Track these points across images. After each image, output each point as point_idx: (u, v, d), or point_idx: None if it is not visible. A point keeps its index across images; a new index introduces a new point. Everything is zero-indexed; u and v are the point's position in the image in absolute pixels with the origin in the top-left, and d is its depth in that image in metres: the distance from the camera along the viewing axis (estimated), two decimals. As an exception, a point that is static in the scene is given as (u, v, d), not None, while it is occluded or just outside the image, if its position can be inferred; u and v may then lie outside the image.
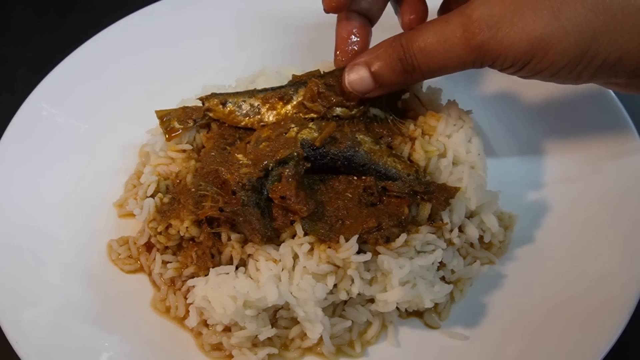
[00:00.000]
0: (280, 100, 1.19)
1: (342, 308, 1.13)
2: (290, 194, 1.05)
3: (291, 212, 1.07)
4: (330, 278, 1.06)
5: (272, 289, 1.02)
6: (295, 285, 1.05)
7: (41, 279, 1.15)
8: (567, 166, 1.31)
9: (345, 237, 1.05)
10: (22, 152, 1.30)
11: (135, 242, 1.22)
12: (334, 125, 1.14)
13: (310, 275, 1.06)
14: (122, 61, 1.48)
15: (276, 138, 1.12)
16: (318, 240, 1.06)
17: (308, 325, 1.05)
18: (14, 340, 1.05)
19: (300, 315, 1.05)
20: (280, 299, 1.03)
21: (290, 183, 1.06)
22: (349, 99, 1.14)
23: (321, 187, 1.13)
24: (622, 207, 1.20)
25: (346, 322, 1.10)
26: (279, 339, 1.11)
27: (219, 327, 1.07)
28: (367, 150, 1.13)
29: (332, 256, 1.05)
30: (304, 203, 1.05)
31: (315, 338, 1.06)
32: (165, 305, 1.16)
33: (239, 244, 1.10)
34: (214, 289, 1.04)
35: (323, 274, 1.06)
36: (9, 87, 1.65)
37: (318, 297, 1.04)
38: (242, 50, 1.52)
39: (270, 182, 1.08)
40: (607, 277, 1.12)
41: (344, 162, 1.12)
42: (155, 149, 1.25)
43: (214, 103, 1.22)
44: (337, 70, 1.18)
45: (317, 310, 1.04)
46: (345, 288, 1.07)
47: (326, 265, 1.06)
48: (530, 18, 0.90)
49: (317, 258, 1.06)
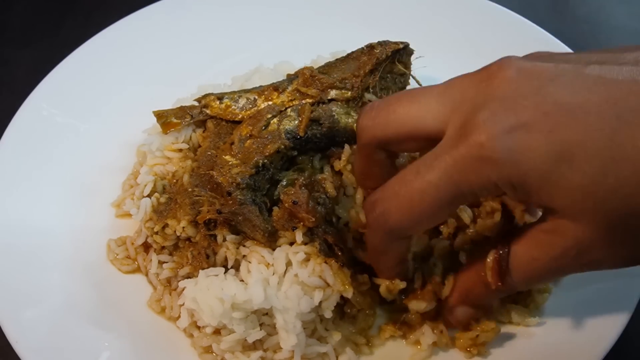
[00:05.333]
0: (275, 90, 1.20)
1: (325, 327, 1.09)
2: (302, 200, 1.05)
3: (297, 218, 1.07)
4: (318, 293, 1.04)
5: (259, 291, 1.01)
6: (282, 292, 1.04)
7: (41, 279, 1.15)
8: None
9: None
10: (21, 152, 1.30)
11: (132, 243, 1.22)
12: (310, 107, 1.15)
13: (299, 286, 1.04)
14: (122, 61, 1.49)
15: (259, 134, 1.13)
16: (316, 253, 1.05)
17: (284, 334, 1.03)
18: (14, 340, 1.05)
19: (280, 322, 1.03)
20: (266, 302, 1.02)
21: (303, 192, 1.06)
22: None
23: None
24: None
25: (322, 347, 1.07)
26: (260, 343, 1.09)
27: (209, 329, 1.07)
28: (344, 125, 1.15)
29: (325, 272, 1.04)
30: (313, 213, 1.05)
31: (287, 349, 1.04)
32: (160, 305, 1.16)
33: (234, 245, 1.10)
34: (203, 291, 1.03)
35: (312, 286, 1.04)
36: (9, 87, 1.65)
37: (302, 310, 1.02)
38: (239, 51, 1.52)
39: (283, 186, 1.09)
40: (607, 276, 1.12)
41: (326, 142, 1.15)
42: (152, 148, 1.25)
43: (211, 99, 1.23)
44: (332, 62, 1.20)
45: (297, 323, 1.03)
46: (329, 307, 1.05)
47: (317, 279, 1.04)
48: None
49: (310, 269, 1.04)
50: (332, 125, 1.15)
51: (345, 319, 1.12)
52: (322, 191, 1.09)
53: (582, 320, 1.07)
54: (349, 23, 1.54)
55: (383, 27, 1.33)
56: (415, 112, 0.84)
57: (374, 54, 1.22)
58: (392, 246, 0.96)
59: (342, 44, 1.32)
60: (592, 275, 1.12)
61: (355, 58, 1.23)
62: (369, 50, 1.23)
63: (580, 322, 1.07)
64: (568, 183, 0.72)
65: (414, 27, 1.44)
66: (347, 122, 1.16)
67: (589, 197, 0.72)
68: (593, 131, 0.70)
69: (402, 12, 1.54)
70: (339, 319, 1.11)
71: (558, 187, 0.73)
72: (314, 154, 1.16)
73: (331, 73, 1.21)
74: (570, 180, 0.72)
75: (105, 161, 1.34)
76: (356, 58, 1.23)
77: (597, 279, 1.12)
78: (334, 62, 1.25)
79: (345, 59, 1.25)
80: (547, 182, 0.73)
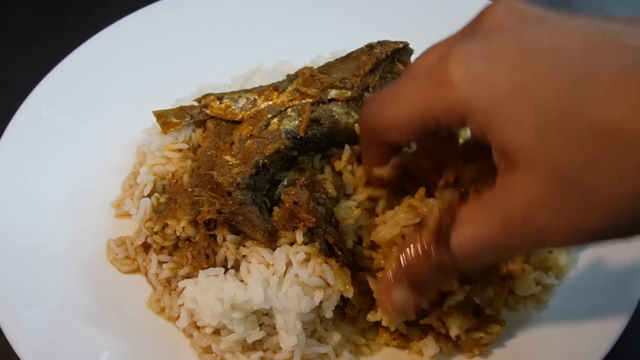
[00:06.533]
0: (275, 90, 1.20)
1: (325, 328, 1.09)
2: (303, 200, 1.05)
3: (298, 218, 1.07)
4: (319, 293, 1.04)
5: (259, 291, 1.01)
6: (282, 292, 1.03)
7: (40, 279, 1.15)
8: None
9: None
10: (21, 152, 1.30)
11: (132, 243, 1.21)
12: (310, 107, 1.15)
13: (300, 286, 1.04)
14: (121, 61, 1.49)
15: (259, 134, 1.13)
16: (316, 253, 1.05)
17: (284, 334, 1.03)
18: (14, 340, 1.05)
19: (280, 322, 1.03)
20: (266, 302, 1.02)
21: (304, 192, 1.06)
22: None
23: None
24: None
25: (322, 348, 1.07)
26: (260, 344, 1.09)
27: (208, 329, 1.07)
28: (345, 125, 1.15)
29: (326, 272, 1.04)
30: (314, 214, 1.05)
31: (287, 349, 1.04)
32: (160, 305, 1.16)
33: (233, 245, 1.10)
34: (202, 291, 1.03)
35: (312, 286, 1.04)
36: (9, 87, 1.65)
37: (302, 310, 1.02)
38: (239, 51, 1.52)
39: (284, 186, 1.09)
40: (607, 276, 1.12)
41: (326, 142, 1.15)
42: (152, 148, 1.25)
43: (211, 99, 1.23)
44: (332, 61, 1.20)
45: (297, 323, 1.03)
46: (330, 307, 1.05)
47: (317, 279, 1.04)
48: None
49: (310, 269, 1.04)
50: (332, 126, 1.15)
51: (346, 320, 1.12)
52: (323, 191, 1.08)
53: (582, 320, 1.07)
54: (348, 23, 1.54)
55: (383, 26, 1.33)
56: (399, 105, 0.83)
57: (374, 54, 1.22)
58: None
59: (342, 44, 1.32)
60: (592, 275, 1.13)
61: (355, 58, 1.23)
62: (368, 50, 1.23)
63: (580, 322, 1.07)
64: (522, 121, 0.67)
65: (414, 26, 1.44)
66: (347, 123, 1.15)
67: (542, 143, 0.67)
68: (558, 76, 0.67)
69: (402, 12, 1.55)
70: (339, 320, 1.11)
71: (512, 122, 0.68)
72: (314, 154, 1.16)
73: (331, 73, 1.21)
74: (524, 118, 0.67)
75: (105, 161, 1.34)
76: (356, 58, 1.23)
77: (597, 279, 1.12)
78: (334, 62, 1.25)
79: (345, 59, 1.25)
80: (499, 115, 0.69)
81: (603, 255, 1.15)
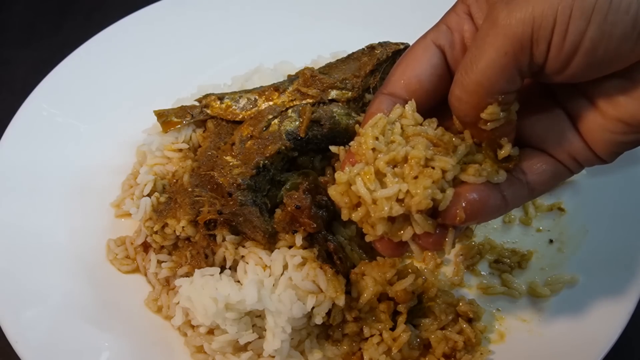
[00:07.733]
0: (275, 90, 1.20)
1: (310, 344, 1.09)
2: (305, 205, 1.05)
3: (298, 222, 1.07)
4: (311, 299, 1.04)
5: (253, 292, 1.01)
6: (276, 295, 1.03)
7: (40, 278, 1.15)
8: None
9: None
10: (21, 152, 1.30)
11: (132, 242, 1.21)
12: (311, 109, 1.15)
13: (293, 290, 1.04)
14: (122, 61, 1.49)
15: (260, 135, 1.13)
16: (313, 258, 1.05)
17: (270, 336, 1.03)
18: (14, 340, 1.05)
19: (270, 323, 1.03)
20: (259, 303, 1.01)
21: (307, 197, 1.06)
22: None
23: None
24: (624, 206, 1.20)
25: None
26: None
27: (203, 329, 1.06)
28: (345, 126, 1.15)
29: (319, 277, 1.04)
30: (315, 220, 1.05)
31: (268, 351, 1.03)
32: (157, 304, 1.16)
33: (232, 246, 1.10)
34: (197, 290, 1.03)
35: (305, 290, 1.04)
36: (9, 87, 1.65)
37: (294, 314, 1.02)
38: (239, 51, 1.52)
39: (287, 189, 1.09)
40: (607, 277, 1.12)
41: (327, 143, 1.12)
42: (152, 148, 1.25)
43: (211, 99, 1.23)
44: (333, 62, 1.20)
45: (287, 327, 1.03)
46: (320, 313, 1.05)
47: (310, 283, 1.04)
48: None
49: (304, 273, 1.04)
50: (333, 127, 1.15)
51: (330, 342, 1.10)
52: (325, 194, 1.08)
53: (582, 320, 1.07)
54: (349, 24, 1.54)
55: (383, 28, 1.33)
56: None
57: (375, 55, 1.22)
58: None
59: (342, 45, 1.32)
60: (592, 275, 1.13)
61: (356, 58, 1.24)
62: (369, 51, 1.24)
63: (580, 322, 1.07)
64: None
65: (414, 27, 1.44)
66: (347, 124, 1.15)
67: None
68: None
69: (403, 13, 1.55)
70: (324, 340, 1.10)
71: None
72: (314, 155, 1.16)
73: (332, 73, 1.21)
74: None
75: (105, 161, 1.34)
76: (357, 58, 1.23)
77: (597, 279, 1.12)
78: (335, 62, 1.25)
79: (346, 60, 1.25)
80: None
81: (603, 256, 1.15)
